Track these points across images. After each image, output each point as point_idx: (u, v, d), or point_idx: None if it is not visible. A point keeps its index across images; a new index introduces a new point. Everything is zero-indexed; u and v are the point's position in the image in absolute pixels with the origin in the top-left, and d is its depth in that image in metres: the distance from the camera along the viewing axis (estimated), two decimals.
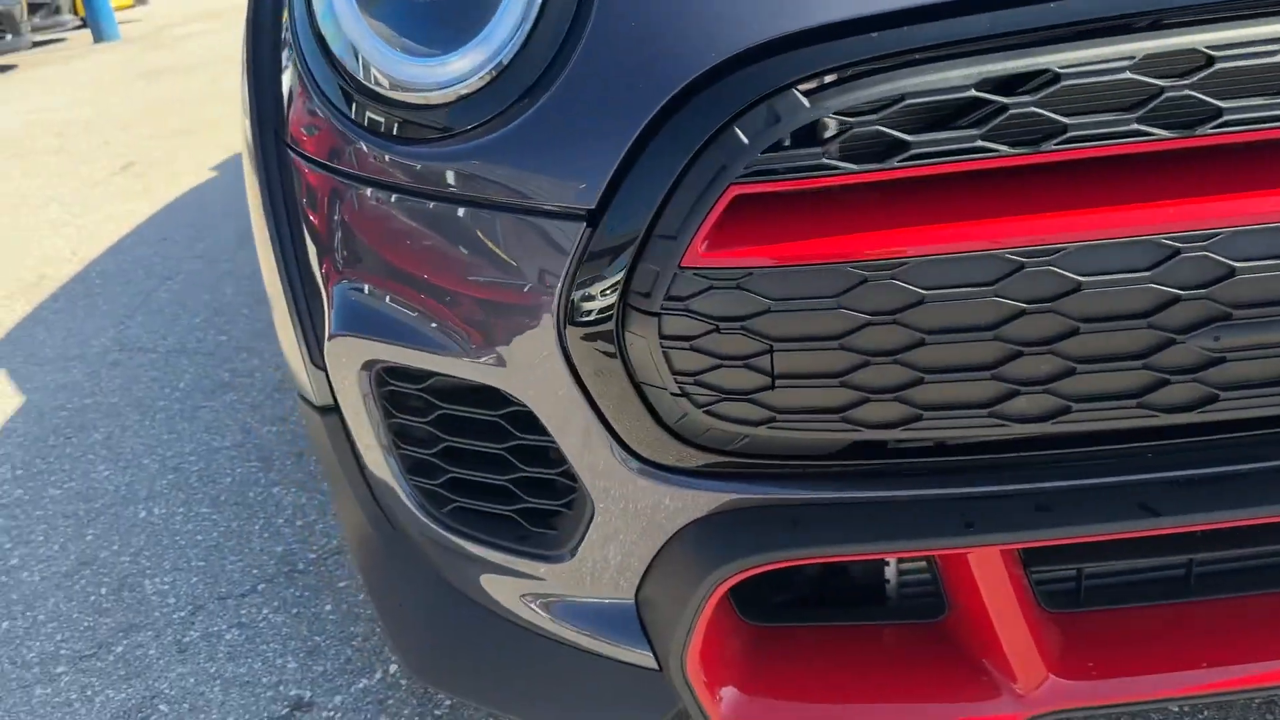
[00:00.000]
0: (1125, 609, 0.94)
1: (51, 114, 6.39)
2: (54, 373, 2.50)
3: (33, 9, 11.37)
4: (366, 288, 0.93)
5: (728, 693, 0.90)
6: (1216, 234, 0.70)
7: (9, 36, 9.15)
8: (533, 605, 0.99)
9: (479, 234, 0.85)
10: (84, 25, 11.33)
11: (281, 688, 1.35)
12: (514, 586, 0.99)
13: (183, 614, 1.53)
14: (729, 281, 0.75)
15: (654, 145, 0.76)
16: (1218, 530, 0.89)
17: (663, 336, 0.77)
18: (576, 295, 0.80)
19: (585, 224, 0.79)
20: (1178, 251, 0.71)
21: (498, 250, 0.84)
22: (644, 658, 0.94)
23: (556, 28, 0.81)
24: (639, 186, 0.76)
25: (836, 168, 0.72)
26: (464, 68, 0.83)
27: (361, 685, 1.34)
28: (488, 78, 0.83)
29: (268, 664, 1.40)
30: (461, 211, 0.85)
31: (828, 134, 0.72)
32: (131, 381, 2.40)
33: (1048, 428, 0.77)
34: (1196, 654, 0.90)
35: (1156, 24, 0.71)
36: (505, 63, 0.82)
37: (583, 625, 0.97)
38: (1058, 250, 0.71)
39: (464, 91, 0.84)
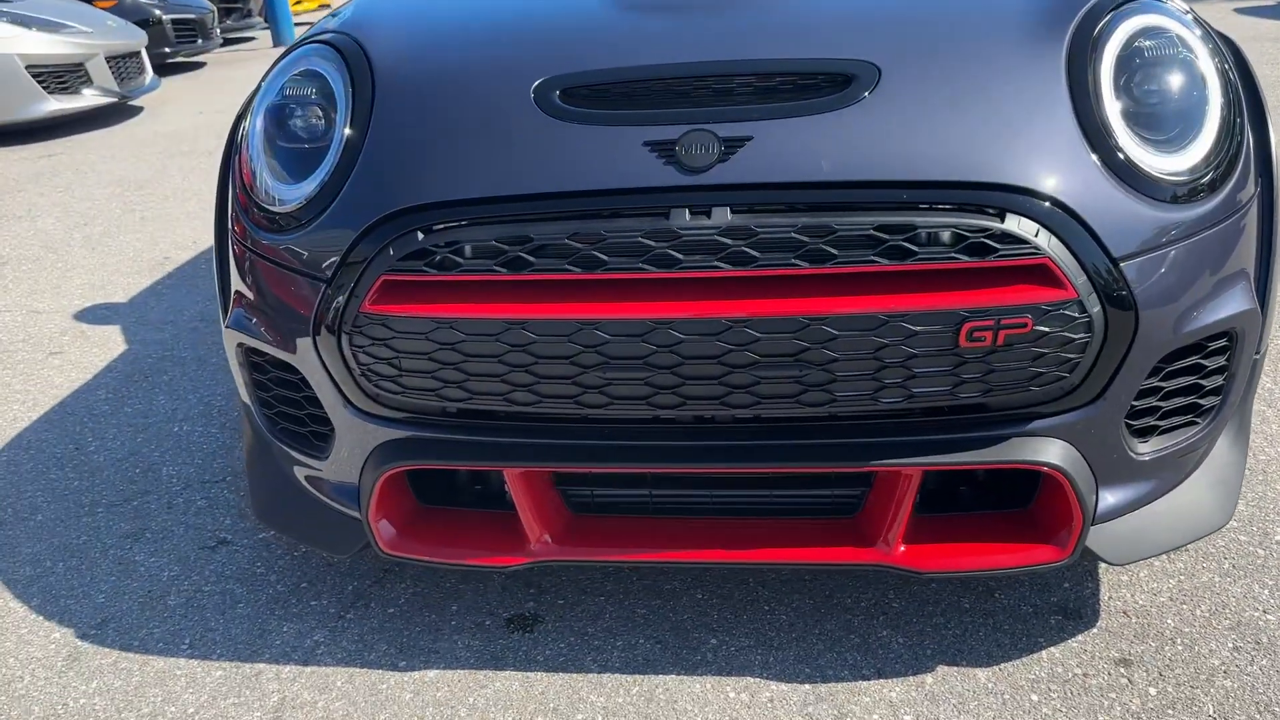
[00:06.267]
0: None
1: (217, 116, 7.61)
2: (153, 332, 3.49)
3: (226, 13, 12.98)
4: (239, 305, 1.79)
5: (384, 526, 1.72)
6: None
7: (200, 40, 10.63)
8: (314, 483, 1.83)
9: (286, 282, 1.69)
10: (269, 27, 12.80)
11: (218, 532, 2.23)
12: (304, 472, 1.83)
13: (179, 487, 2.43)
14: (379, 319, 1.56)
15: (356, 250, 1.58)
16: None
17: (353, 345, 1.59)
18: (319, 320, 1.62)
19: (325, 285, 1.61)
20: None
21: (292, 291, 1.68)
22: (355, 511, 1.76)
23: (335, 183, 1.65)
24: (348, 270, 1.59)
25: (431, 271, 1.53)
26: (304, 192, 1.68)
27: (262, 537, 2.20)
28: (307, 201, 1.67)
29: (215, 520, 2.28)
30: (281, 270, 1.69)
31: (427, 254, 1.53)
32: (200, 343, 3.36)
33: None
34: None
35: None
36: (314, 194, 1.66)
37: (333, 495, 1.80)
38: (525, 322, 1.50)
39: (297, 207, 1.68)
